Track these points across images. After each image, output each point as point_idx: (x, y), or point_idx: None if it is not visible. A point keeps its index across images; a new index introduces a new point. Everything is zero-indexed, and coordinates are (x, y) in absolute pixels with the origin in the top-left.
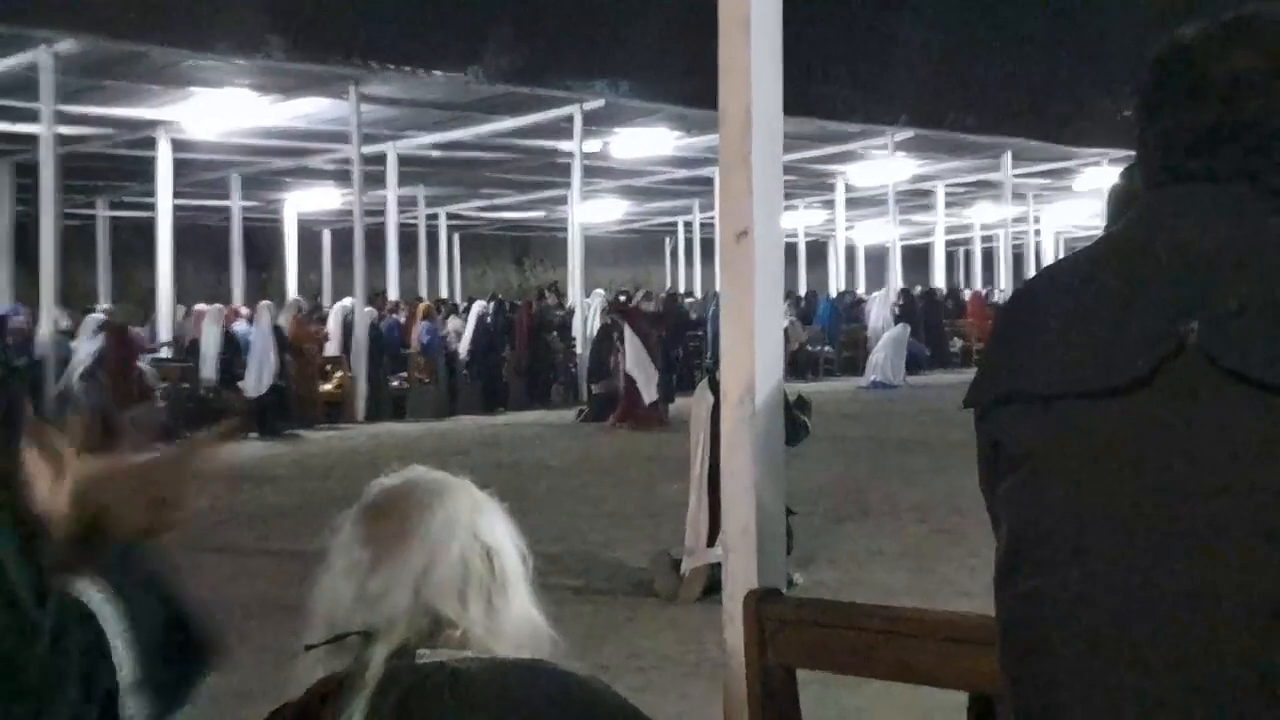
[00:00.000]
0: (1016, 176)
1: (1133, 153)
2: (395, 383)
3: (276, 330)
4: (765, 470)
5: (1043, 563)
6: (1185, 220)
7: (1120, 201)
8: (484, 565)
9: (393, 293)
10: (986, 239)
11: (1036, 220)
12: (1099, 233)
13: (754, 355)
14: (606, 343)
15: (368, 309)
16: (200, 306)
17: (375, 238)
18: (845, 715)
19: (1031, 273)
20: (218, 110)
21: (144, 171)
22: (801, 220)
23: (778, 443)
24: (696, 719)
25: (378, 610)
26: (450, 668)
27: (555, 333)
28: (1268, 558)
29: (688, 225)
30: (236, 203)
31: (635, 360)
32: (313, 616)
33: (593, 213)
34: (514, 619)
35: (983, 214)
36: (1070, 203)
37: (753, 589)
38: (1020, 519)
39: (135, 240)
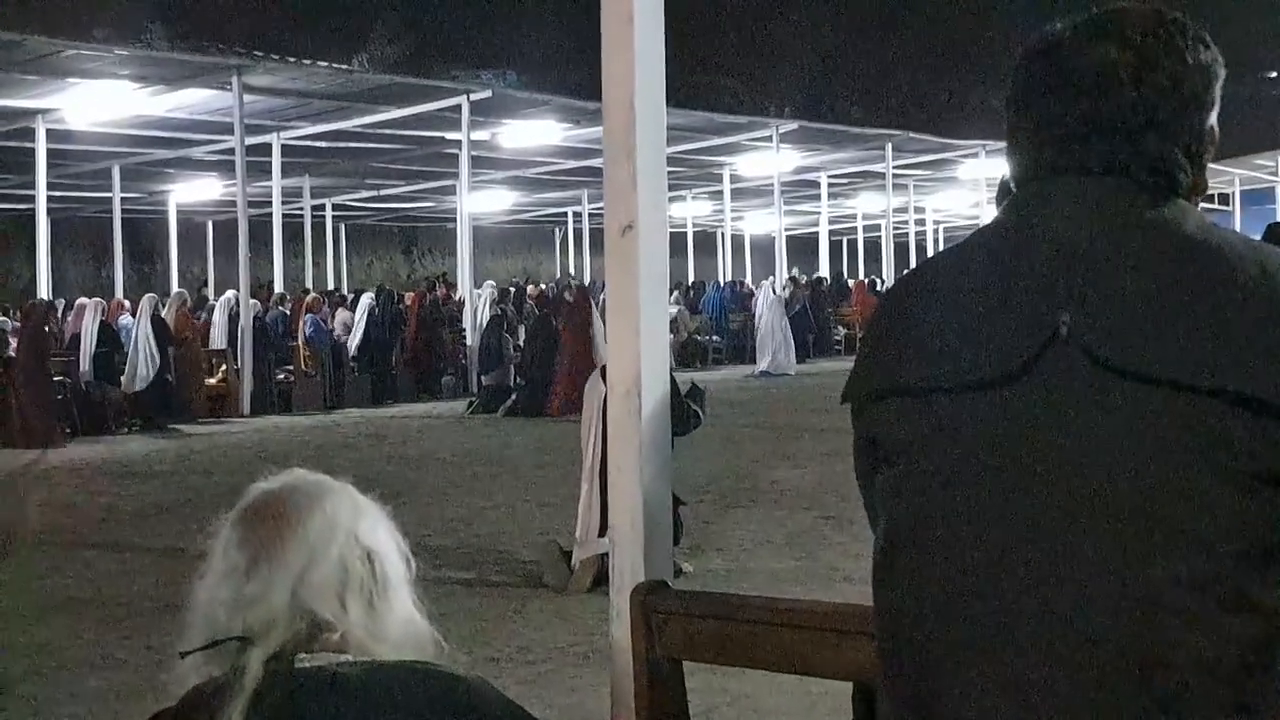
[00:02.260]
0: (898, 167)
1: None
2: (281, 376)
3: (160, 323)
4: (652, 462)
5: (921, 555)
6: (1057, 213)
7: (1006, 193)
8: (364, 568)
9: (278, 284)
10: (871, 229)
11: (919, 210)
12: (980, 222)
13: (640, 348)
14: (497, 333)
15: (252, 301)
16: (82, 300)
17: (260, 229)
18: (734, 702)
19: (914, 261)
20: (98, 100)
21: (21, 163)
22: (690, 211)
23: (664, 435)
24: (586, 711)
25: (255, 613)
26: (331, 671)
27: (446, 326)
28: (1139, 544)
29: (577, 215)
30: (117, 194)
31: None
32: (190, 621)
33: (481, 203)
34: (396, 621)
35: (866, 204)
36: (951, 192)
37: (639, 582)
38: (898, 512)
39: (14, 233)
